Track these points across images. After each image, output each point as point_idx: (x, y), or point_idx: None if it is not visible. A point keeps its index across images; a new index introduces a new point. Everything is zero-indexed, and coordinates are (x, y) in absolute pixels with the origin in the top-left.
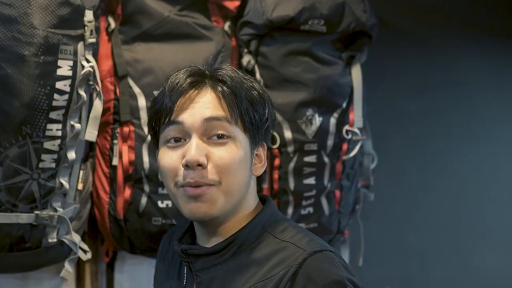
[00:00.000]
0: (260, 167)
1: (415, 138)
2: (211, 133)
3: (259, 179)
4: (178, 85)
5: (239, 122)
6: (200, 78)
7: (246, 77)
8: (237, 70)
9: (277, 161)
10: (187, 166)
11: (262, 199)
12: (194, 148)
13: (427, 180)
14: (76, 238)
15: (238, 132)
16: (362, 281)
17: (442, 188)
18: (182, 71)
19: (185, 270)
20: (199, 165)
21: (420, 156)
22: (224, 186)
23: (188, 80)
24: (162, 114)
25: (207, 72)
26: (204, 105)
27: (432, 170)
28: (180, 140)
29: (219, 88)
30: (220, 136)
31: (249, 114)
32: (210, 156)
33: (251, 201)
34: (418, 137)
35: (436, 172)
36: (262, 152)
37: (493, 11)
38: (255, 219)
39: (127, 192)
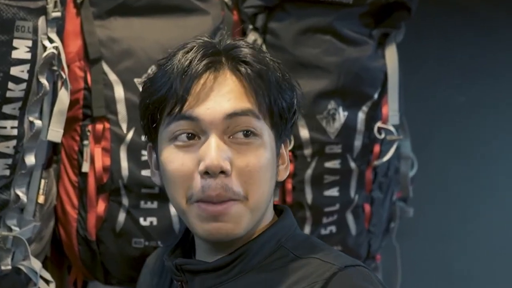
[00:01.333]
0: (284, 170)
1: (465, 138)
2: (234, 130)
3: None
4: (192, 66)
5: (267, 116)
6: (216, 57)
7: (267, 55)
8: (256, 46)
9: (290, 167)
10: (206, 173)
11: (277, 210)
12: (215, 150)
13: (479, 191)
14: (36, 264)
15: (265, 129)
16: None
17: (498, 201)
18: (193, 46)
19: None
20: (222, 172)
21: (470, 161)
22: (251, 201)
23: (205, 61)
24: (167, 103)
25: (221, 48)
26: (224, 95)
27: (485, 179)
28: (194, 137)
29: (243, 70)
30: (247, 134)
31: (278, 104)
32: (234, 161)
33: (268, 211)
34: (469, 137)
35: (490, 181)
36: (284, 150)
37: None
38: (268, 231)
39: (101, 206)
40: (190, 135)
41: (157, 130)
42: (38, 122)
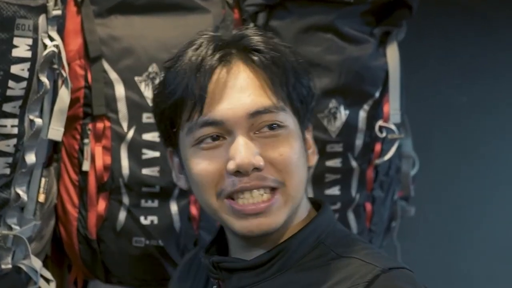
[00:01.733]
0: (312, 155)
1: (466, 137)
2: (259, 126)
3: None
4: (205, 62)
5: (288, 104)
6: (226, 49)
7: (279, 40)
8: (267, 33)
9: None
10: (238, 172)
11: (315, 204)
12: (244, 148)
13: (480, 191)
14: (37, 263)
15: (288, 117)
16: None
17: (499, 200)
18: (201, 42)
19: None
20: (256, 168)
21: (472, 160)
22: (289, 189)
23: (217, 55)
24: (185, 106)
25: (230, 39)
26: (243, 90)
27: (487, 178)
28: (219, 138)
29: (256, 59)
30: (272, 127)
31: (297, 89)
32: (265, 154)
33: (304, 204)
34: (470, 136)
35: (492, 180)
36: (308, 135)
37: None
38: (307, 227)
39: (101, 205)
40: (215, 136)
41: (177, 135)
42: (38, 121)
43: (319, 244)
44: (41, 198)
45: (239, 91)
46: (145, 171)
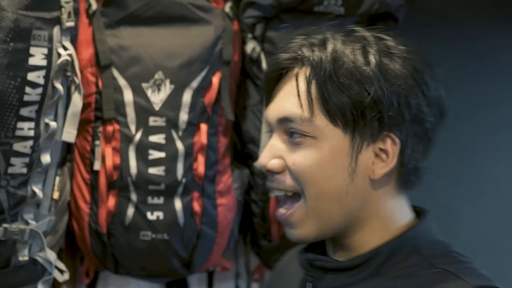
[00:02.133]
0: (381, 167)
1: (451, 139)
2: (288, 132)
3: None
4: (273, 62)
5: (326, 116)
6: (295, 54)
7: (362, 48)
8: (348, 40)
9: None
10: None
11: (419, 212)
12: (265, 150)
13: (463, 189)
14: (51, 255)
15: (324, 129)
16: None
17: (483, 198)
18: (285, 45)
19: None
20: (276, 172)
21: (455, 160)
22: (308, 200)
23: (283, 57)
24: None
25: (306, 45)
26: (283, 97)
27: (470, 177)
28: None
29: (308, 71)
30: (299, 134)
31: (334, 101)
32: (286, 160)
33: (394, 213)
34: (454, 138)
35: (475, 178)
36: (388, 146)
37: None
38: (404, 235)
39: (111, 201)
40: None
41: None
42: (53, 124)
43: (415, 253)
44: (56, 195)
45: (281, 97)
46: (151, 170)
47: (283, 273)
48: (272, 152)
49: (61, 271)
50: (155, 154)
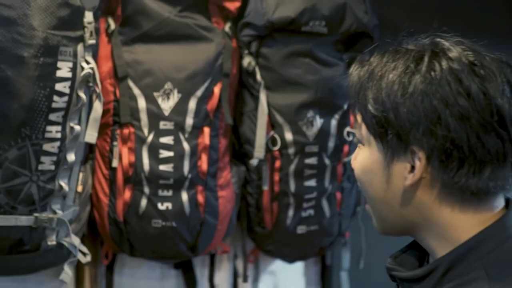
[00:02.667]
0: (410, 178)
1: None
2: None
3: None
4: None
5: (365, 124)
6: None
7: (396, 62)
8: (388, 53)
9: (277, 163)
10: None
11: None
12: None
13: None
14: (76, 240)
15: (368, 138)
16: (363, 284)
17: None
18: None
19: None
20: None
21: None
22: (367, 198)
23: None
24: None
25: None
26: None
27: None
28: None
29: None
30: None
31: (368, 115)
32: None
33: (445, 219)
34: None
35: None
36: (414, 160)
37: (498, 10)
38: (465, 244)
39: (127, 194)
40: None
41: None
42: (77, 127)
43: (476, 261)
44: (79, 188)
45: None
46: (161, 167)
47: None
48: (355, 154)
49: (84, 254)
50: (165, 153)
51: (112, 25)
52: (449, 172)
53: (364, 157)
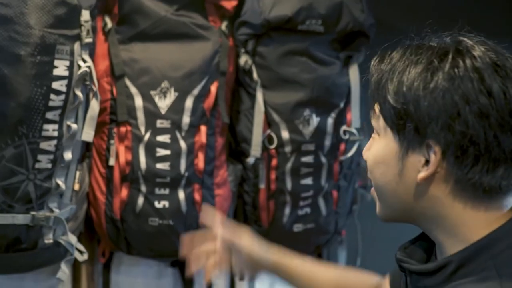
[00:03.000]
0: (423, 171)
1: None
2: None
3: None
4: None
5: (382, 116)
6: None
7: (417, 54)
8: (408, 50)
9: (274, 162)
10: None
11: None
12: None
13: None
14: (73, 239)
15: (384, 129)
16: None
17: None
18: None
19: (402, 282)
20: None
21: None
22: (375, 186)
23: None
24: None
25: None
26: None
27: None
28: None
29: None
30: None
31: (387, 106)
32: None
33: (458, 215)
34: None
35: None
36: (429, 154)
37: (493, 11)
38: (477, 243)
39: (124, 192)
40: None
41: None
42: (74, 126)
43: (488, 260)
44: (76, 187)
45: None
46: (158, 165)
47: None
48: (368, 145)
49: (81, 252)
50: (161, 152)
51: (109, 24)
52: (464, 168)
53: (379, 148)
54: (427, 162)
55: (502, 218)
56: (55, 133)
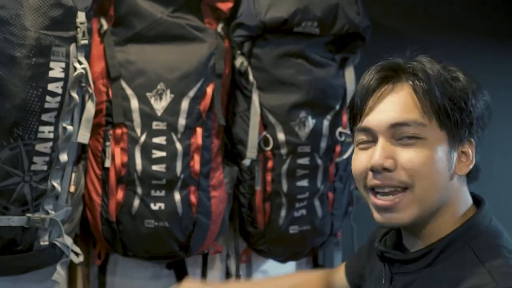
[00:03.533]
0: (466, 166)
1: None
2: (400, 136)
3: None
4: (366, 83)
5: (434, 121)
6: (391, 72)
7: (447, 68)
8: (434, 61)
9: (270, 163)
10: (372, 170)
11: (476, 200)
12: (379, 151)
13: None
14: (68, 240)
15: (432, 132)
16: None
17: None
18: (375, 66)
19: (384, 270)
20: (385, 169)
21: None
22: (418, 191)
23: (376, 77)
24: (355, 115)
25: (402, 64)
26: (393, 107)
27: None
28: (371, 142)
29: (411, 83)
30: (411, 137)
31: (447, 111)
32: (398, 159)
33: (460, 203)
34: None
35: None
36: (469, 148)
37: (487, 12)
38: (457, 230)
39: (120, 194)
40: (369, 140)
41: (353, 137)
42: (70, 128)
43: (466, 246)
44: (72, 189)
45: (389, 108)
46: (154, 167)
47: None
48: (386, 153)
49: (76, 254)
50: (157, 154)
51: (105, 25)
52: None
53: (430, 150)
54: (460, 156)
55: (472, 208)
56: (51, 135)
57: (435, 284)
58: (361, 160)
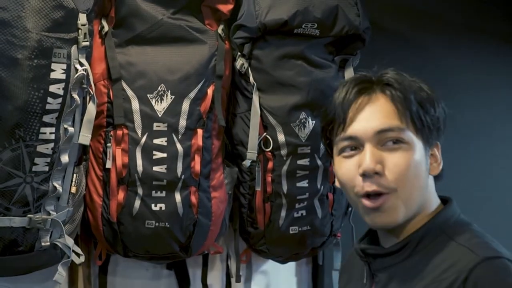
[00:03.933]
0: (437, 166)
1: None
2: (385, 141)
3: (252, 182)
4: (347, 94)
5: (411, 126)
6: (367, 84)
7: (412, 79)
8: (402, 73)
9: (270, 164)
10: (364, 175)
11: (444, 200)
12: (369, 156)
13: None
14: (70, 241)
15: (411, 136)
16: None
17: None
18: (349, 81)
19: (365, 270)
20: (376, 173)
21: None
22: (402, 193)
23: (355, 89)
24: (335, 125)
25: (373, 78)
26: (375, 115)
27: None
28: (356, 149)
29: (388, 92)
30: (395, 142)
31: (421, 117)
32: (386, 163)
33: (431, 201)
34: None
35: None
36: (437, 151)
37: (487, 12)
38: (431, 221)
39: (121, 195)
40: (353, 148)
41: (331, 146)
42: (71, 129)
43: (441, 233)
44: (73, 190)
45: (372, 117)
46: (155, 168)
47: (354, 258)
48: (375, 158)
49: (77, 255)
50: (158, 155)
51: (106, 27)
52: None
53: (412, 154)
54: (431, 158)
55: (440, 205)
56: (52, 136)
57: (417, 273)
58: (349, 167)
